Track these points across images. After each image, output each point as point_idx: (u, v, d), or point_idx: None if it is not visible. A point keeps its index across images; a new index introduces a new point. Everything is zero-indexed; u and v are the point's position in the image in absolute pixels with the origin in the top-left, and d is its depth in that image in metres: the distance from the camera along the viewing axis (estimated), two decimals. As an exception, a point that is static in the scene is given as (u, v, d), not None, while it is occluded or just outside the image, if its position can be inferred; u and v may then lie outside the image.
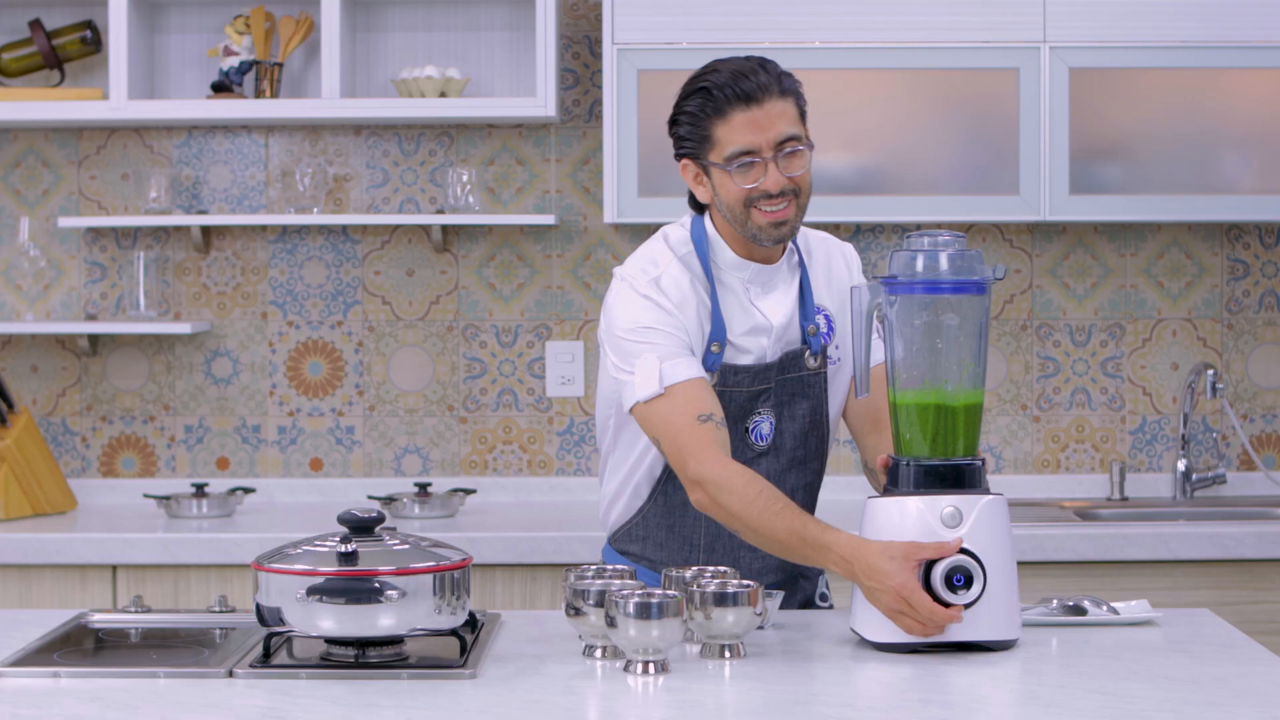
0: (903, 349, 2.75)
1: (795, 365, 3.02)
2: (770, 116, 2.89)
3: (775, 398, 3.01)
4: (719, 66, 2.93)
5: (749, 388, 2.99)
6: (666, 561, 3.06)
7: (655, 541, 3.07)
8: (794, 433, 3.03)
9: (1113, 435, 4.64)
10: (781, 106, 2.90)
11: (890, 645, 2.68)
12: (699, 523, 3.04)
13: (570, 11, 4.62)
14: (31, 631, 2.84)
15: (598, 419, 3.12)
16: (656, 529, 3.07)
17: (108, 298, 4.64)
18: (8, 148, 4.64)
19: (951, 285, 2.73)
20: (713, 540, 3.05)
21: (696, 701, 2.42)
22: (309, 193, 4.54)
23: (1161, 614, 2.92)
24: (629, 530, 3.10)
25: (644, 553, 3.08)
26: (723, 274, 3.00)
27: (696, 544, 3.05)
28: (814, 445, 3.07)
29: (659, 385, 2.87)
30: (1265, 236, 4.62)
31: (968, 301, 2.73)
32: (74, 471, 4.64)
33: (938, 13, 4.24)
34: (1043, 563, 3.98)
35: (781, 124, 2.89)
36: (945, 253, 2.73)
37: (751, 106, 2.88)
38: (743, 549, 3.04)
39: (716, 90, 2.89)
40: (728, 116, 2.89)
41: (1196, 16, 4.24)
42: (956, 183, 4.27)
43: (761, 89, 2.88)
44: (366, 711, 2.36)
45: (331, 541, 2.62)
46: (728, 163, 2.90)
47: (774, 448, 3.02)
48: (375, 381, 4.65)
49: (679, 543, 3.06)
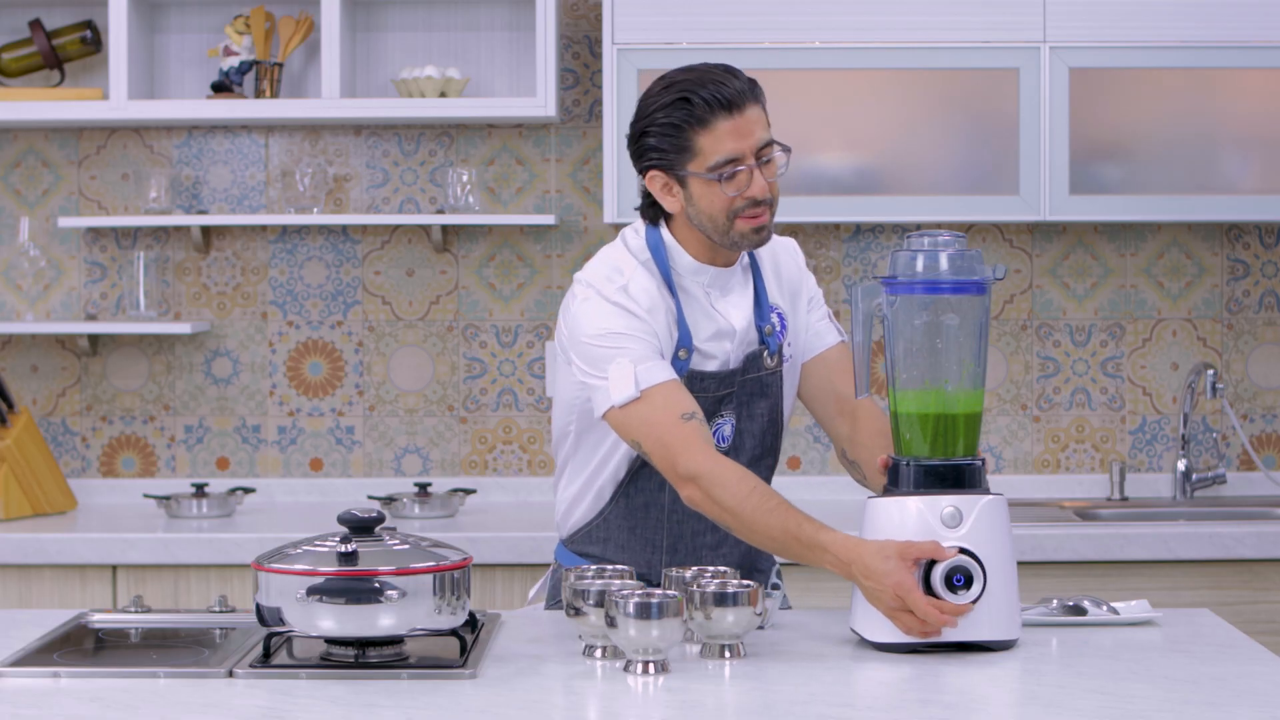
0: (903, 349, 2.75)
1: (755, 366, 3.03)
2: (750, 123, 2.89)
3: (736, 399, 3.02)
4: (687, 76, 2.90)
5: (714, 393, 2.99)
6: (628, 563, 3.06)
7: (616, 543, 3.07)
8: (753, 432, 3.05)
9: (1113, 435, 4.64)
10: (757, 113, 2.90)
11: (890, 645, 2.68)
12: (661, 524, 3.05)
13: (570, 11, 4.62)
14: (31, 631, 2.84)
15: (555, 425, 3.10)
16: (618, 530, 3.07)
17: (108, 298, 4.64)
18: (8, 148, 4.64)
19: (951, 285, 2.73)
20: (675, 541, 3.05)
21: (696, 701, 2.42)
22: (309, 193, 4.54)
23: (1161, 614, 2.92)
24: (589, 532, 3.09)
25: (604, 554, 3.08)
26: (683, 280, 2.99)
27: (659, 545, 3.06)
28: (770, 442, 3.08)
29: (635, 389, 2.85)
30: (1265, 236, 4.63)
31: (968, 301, 2.73)
32: (74, 471, 4.64)
33: (938, 13, 4.24)
34: (1043, 563, 3.98)
35: (759, 130, 2.90)
36: (945, 253, 2.73)
37: (734, 114, 2.87)
38: (704, 549, 3.06)
39: (698, 100, 2.86)
40: (711, 126, 2.87)
41: (1196, 16, 4.24)
42: (956, 183, 4.27)
43: (740, 95, 2.88)
44: (366, 711, 2.36)
45: (331, 541, 2.62)
46: (711, 172, 2.88)
47: (734, 448, 3.03)
48: (375, 381, 4.65)
49: (641, 543, 3.06)
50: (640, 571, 3.03)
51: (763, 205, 2.90)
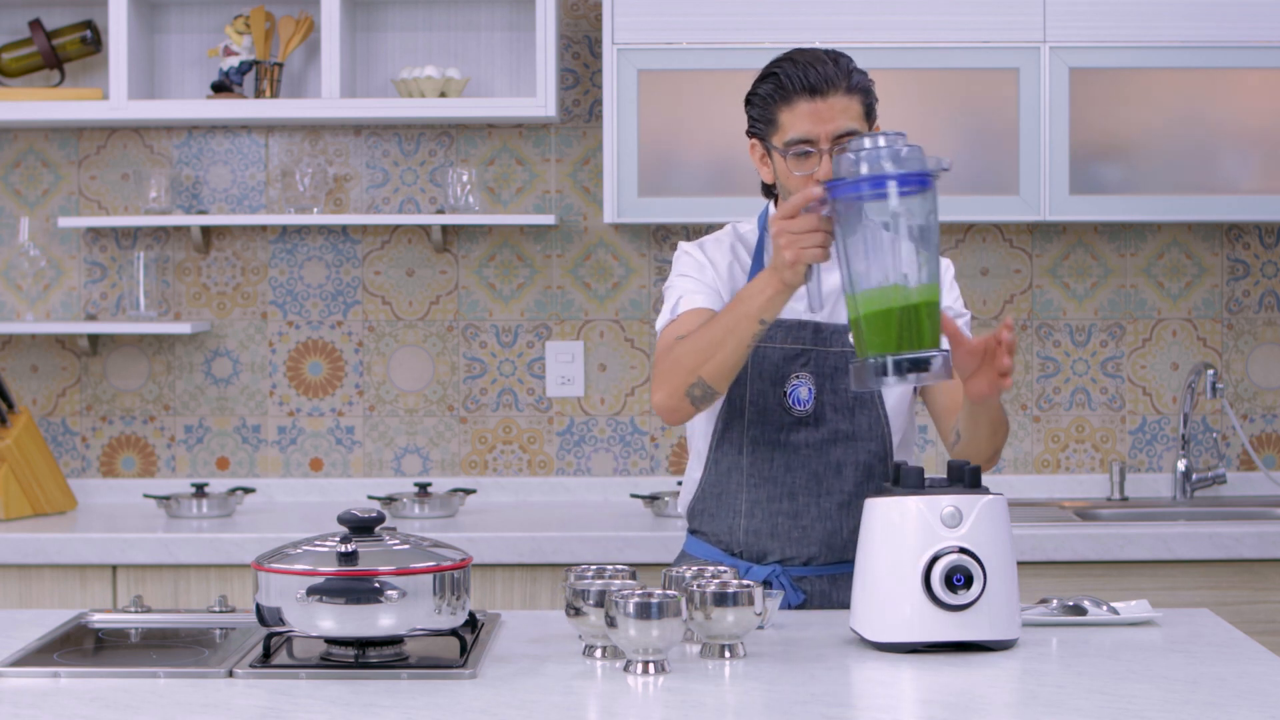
0: (859, 250, 2.71)
1: (838, 340, 3.07)
2: (833, 109, 2.97)
3: (816, 365, 3.07)
4: (795, 56, 3.02)
5: (782, 344, 3.06)
6: (718, 533, 3.13)
7: (710, 513, 3.15)
8: (836, 405, 3.08)
9: (1113, 435, 4.64)
10: (846, 102, 2.98)
11: (890, 645, 2.68)
12: (741, 489, 3.11)
13: (570, 11, 4.62)
14: (31, 631, 2.84)
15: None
16: (711, 500, 3.16)
17: (108, 298, 4.64)
18: (8, 148, 4.64)
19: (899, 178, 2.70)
20: (752, 506, 3.10)
21: (696, 701, 2.42)
22: (309, 193, 4.54)
23: (1161, 614, 2.92)
24: (693, 506, 3.19)
25: (701, 527, 3.17)
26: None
27: (739, 510, 3.12)
28: (866, 425, 3.10)
29: (670, 314, 3.06)
30: (1265, 236, 4.63)
31: (916, 196, 2.71)
32: (74, 471, 4.64)
33: (938, 13, 4.24)
34: (1043, 563, 3.98)
35: (843, 118, 2.97)
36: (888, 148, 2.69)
37: (815, 98, 2.96)
38: (780, 516, 3.09)
39: (785, 78, 2.98)
40: (793, 104, 2.97)
41: (1196, 16, 4.24)
42: (956, 183, 4.27)
43: (827, 81, 2.97)
44: (366, 711, 2.36)
45: (331, 541, 2.62)
46: (786, 148, 2.98)
47: (814, 417, 3.08)
48: (375, 381, 4.65)
49: (726, 511, 3.13)
50: (724, 540, 3.12)
51: None
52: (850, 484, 3.08)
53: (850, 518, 3.08)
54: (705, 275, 3.10)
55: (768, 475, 3.09)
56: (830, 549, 3.09)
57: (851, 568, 3.00)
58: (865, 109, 3.01)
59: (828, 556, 3.09)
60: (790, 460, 3.08)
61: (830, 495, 3.08)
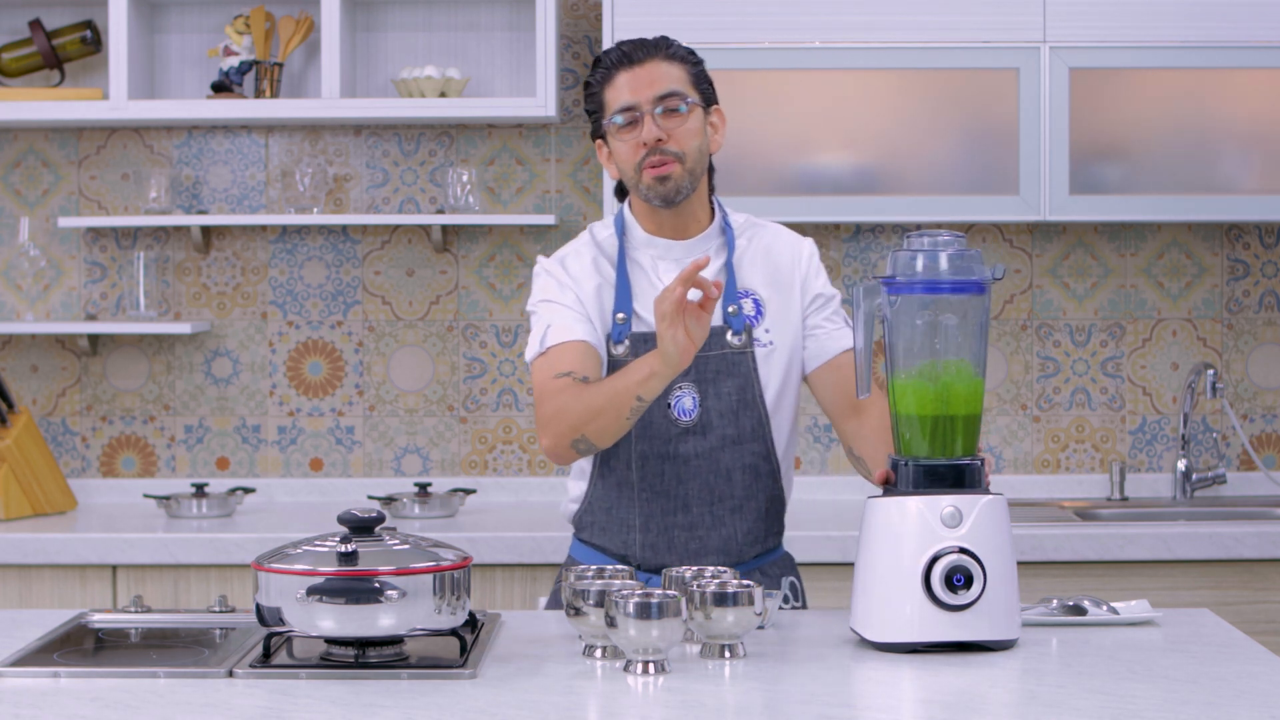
0: (902, 349, 2.75)
1: (716, 343, 3.06)
2: (651, 74, 3.03)
3: (697, 373, 3.05)
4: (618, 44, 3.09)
5: None
6: (610, 545, 3.11)
7: (599, 526, 3.13)
8: (721, 410, 3.07)
9: (1113, 435, 4.64)
10: (666, 68, 3.04)
11: (890, 645, 2.68)
12: (632, 504, 3.09)
13: (570, 11, 4.62)
14: (31, 631, 2.84)
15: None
16: (600, 513, 3.13)
17: (108, 298, 4.64)
18: (8, 148, 4.64)
19: (951, 285, 2.73)
20: (646, 520, 3.08)
21: (696, 701, 2.42)
22: (309, 193, 4.54)
23: (1161, 614, 2.92)
24: (579, 517, 3.17)
25: (591, 538, 3.14)
26: (634, 252, 3.12)
27: (632, 525, 3.10)
28: (750, 426, 3.09)
29: (540, 346, 3.04)
30: (1265, 236, 4.63)
31: (967, 301, 2.73)
32: (74, 471, 4.64)
33: (938, 13, 4.25)
34: (1043, 563, 3.98)
35: (663, 81, 3.03)
36: (945, 252, 2.73)
37: (633, 67, 3.03)
38: (676, 529, 3.08)
39: (605, 59, 3.06)
40: (614, 80, 3.05)
41: (1196, 16, 4.24)
42: (956, 183, 4.27)
43: (642, 49, 3.04)
44: (366, 711, 2.36)
45: (331, 541, 2.62)
46: (613, 118, 3.03)
47: (701, 424, 3.06)
48: (375, 381, 4.65)
49: (617, 525, 3.11)
50: (618, 552, 3.09)
51: (667, 156, 3.01)
52: (740, 488, 3.08)
53: (743, 520, 3.09)
54: (567, 297, 3.07)
55: (659, 489, 3.07)
56: (727, 554, 3.10)
57: (749, 566, 3.09)
58: (692, 77, 3.06)
59: (724, 561, 3.09)
60: (681, 471, 3.07)
61: (722, 502, 3.08)
